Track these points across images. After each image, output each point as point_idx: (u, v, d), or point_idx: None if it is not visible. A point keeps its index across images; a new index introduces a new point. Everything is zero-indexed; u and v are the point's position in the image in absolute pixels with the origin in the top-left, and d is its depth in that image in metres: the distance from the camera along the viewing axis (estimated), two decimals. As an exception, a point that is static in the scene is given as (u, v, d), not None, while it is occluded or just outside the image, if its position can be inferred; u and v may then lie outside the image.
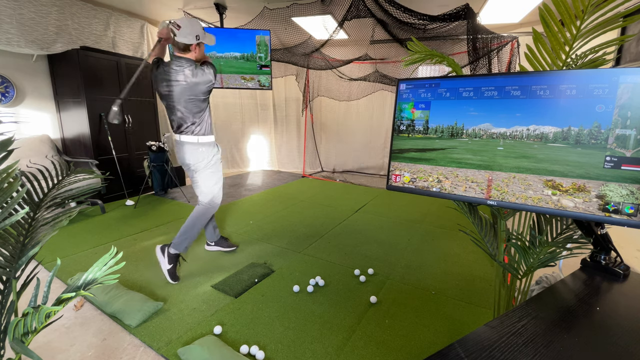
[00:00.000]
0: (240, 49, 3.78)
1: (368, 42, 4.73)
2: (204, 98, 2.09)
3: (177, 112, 2.06)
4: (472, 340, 0.65)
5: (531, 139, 0.92)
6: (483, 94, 0.98)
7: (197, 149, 2.13)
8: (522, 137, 0.94)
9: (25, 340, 0.79)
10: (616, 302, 0.81)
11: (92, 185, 1.23)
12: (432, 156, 1.09)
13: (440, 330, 1.71)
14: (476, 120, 1.00)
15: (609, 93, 0.80)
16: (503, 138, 0.97)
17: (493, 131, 0.98)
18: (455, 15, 2.95)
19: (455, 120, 1.04)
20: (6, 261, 0.89)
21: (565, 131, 0.87)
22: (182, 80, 1.97)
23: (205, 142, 2.15)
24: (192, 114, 2.07)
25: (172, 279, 2.11)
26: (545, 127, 0.90)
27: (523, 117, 0.93)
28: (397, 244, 2.81)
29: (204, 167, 2.17)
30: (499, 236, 1.30)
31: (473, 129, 1.01)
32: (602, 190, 0.83)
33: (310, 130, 6.13)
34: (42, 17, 3.25)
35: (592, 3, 1.01)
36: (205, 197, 2.24)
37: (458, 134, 1.04)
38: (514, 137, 0.95)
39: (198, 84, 1.99)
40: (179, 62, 1.98)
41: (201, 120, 2.12)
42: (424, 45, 1.33)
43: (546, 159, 0.91)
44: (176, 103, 2.03)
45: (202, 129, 2.13)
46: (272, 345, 1.58)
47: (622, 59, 2.91)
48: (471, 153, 1.02)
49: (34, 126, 3.60)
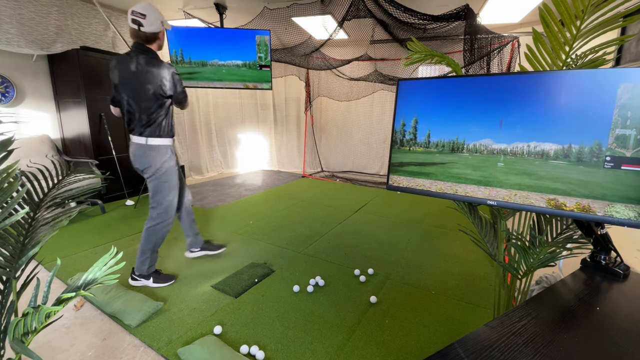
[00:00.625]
0: (242, 56, 3.80)
1: (368, 42, 4.73)
2: (156, 97, 1.89)
3: (125, 105, 1.91)
4: (472, 340, 0.65)
5: (532, 155, 0.91)
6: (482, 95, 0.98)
7: (144, 153, 1.92)
8: (522, 153, 0.93)
9: (25, 340, 0.79)
10: (616, 302, 0.81)
11: (92, 185, 1.23)
12: (432, 170, 1.09)
13: (440, 330, 1.71)
14: (477, 135, 1.00)
15: (609, 94, 0.80)
16: (504, 154, 0.96)
17: (494, 147, 0.97)
18: (455, 15, 2.95)
19: (457, 134, 1.03)
20: (6, 261, 0.89)
21: (566, 149, 0.86)
22: (134, 69, 1.83)
23: (154, 145, 1.93)
24: (142, 110, 1.88)
25: (167, 281, 2.09)
26: (546, 144, 0.89)
27: (523, 133, 0.92)
28: (397, 244, 2.81)
29: (152, 174, 1.95)
30: (499, 236, 1.30)
31: (474, 144, 1.00)
32: (608, 211, 0.81)
33: (310, 130, 6.13)
34: (42, 17, 3.25)
35: (592, 3, 1.01)
36: (154, 210, 2.01)
37: (459, 149, 1.03)
38: (514, 154, 0.94)
39: (149, 76, 1.83)
40: (136, 49, 1.86)
41: (153, 121, 1.91)
42: (423, 45, 1.34)
43: (548, 176, 0.89)
44: (126, 94, 1.88)
45: (154, 130, 1.92)
46: (272, 345, 1.58)
47: (622, 59, 2.91)
48: (471, 168, 1.01)
49: (34, 126, 3.60)
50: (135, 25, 1.80)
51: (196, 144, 5.46)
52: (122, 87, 1.90)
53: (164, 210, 2.03)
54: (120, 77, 1.89)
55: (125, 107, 1.93)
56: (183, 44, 3.65)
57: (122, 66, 1.87)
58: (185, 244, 2.45)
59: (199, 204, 3.93)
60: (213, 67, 3.75)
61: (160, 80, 1.87)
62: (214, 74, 3.80)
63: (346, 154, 6.08)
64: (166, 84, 1.89)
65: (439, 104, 1.07)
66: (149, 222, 2.03)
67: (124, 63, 1.87)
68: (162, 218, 2.03)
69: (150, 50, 1.90)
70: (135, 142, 1.95)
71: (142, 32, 1.82)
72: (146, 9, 1.80)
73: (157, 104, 1.91)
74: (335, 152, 6.17)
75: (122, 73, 1.88)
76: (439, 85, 1.08)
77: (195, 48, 3.68)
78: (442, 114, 1.06)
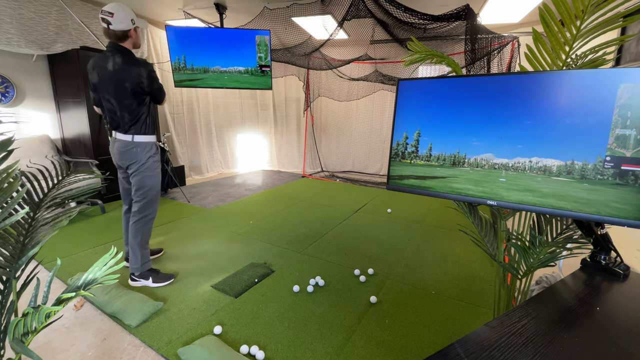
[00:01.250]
0: (244, 62, 3.81)
1: (368, 42, 4.74)
2: (135, 94, 1.92)
3: (107, 104, 1.94)
4: (472, 340, 0.65)
5: (534, 171, 0.89)
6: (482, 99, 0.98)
7: (130, 149, 1.97)
8: (524, 169, 0.91)
9: (25, 340, 0.79)
10: (616, 302, 0.81)
11: (92, 185, 1.23)
12: (432, 184, 1.08)
13: (440, 330, 1.71)
14: (478, 149, 0.99)
15: (609, 96, 0.80)
16: (505, 169, 0.94)
17: (495, 162, 0.96)
18: (456, 15, 2.95)
19: (458, 148, 1.02)
20: (6, 261, 0.89)
21: (568, 165, 0.85)
22: (111, 68, 1.86)
23: (141, 142, 1.99)
24: (123, 107, 1.92)
25: (166, 280, 2.11)
26: (548, 160, 0.87)
27: (525, 148, 0.91)
28: (397, 244, 2.81)
29: (136, 169, 2.00)
30: (499, 236, 1.30)
31: (475, 158, 0.99)
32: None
33: (310, 130, 6.13)
34: (42, 17, 3.25)
35: (592, 3, 1.01)
36: (137, 204, 2.05)
37: (460, 163, 1.02)
38: (516, 169, 0.92)
39: (126, 74, 1.87)
40: (111, 49, 1.89)
41: (137, 119, 1.96)
42: (424, 45, 1.33)
43: (551, 193, 0.87)
44: (105, 93, 1.92)
45: (139, 128, 1.97)
46: (272, 345, 1.58)
47: (622, 59, 2.91)
48: (472, 183, 1.00)
49: (34, 126, 3.60)
50: (105, 24, 1.85)
51: (196, 144, 5.46)
52: (101, 87, 1.94)
53: (148, 203, 2.06)
54: (99, 76, 1.92)
55: (106, 106, 1.97)
56: (186, 50, 3.66)
57: (99, 66, 1.91)
58: (185, 244, 2.45)
59: (199, 204, 3.93)
60: (215, 73, 3.78)
61: (138, 77, 1.90)
62: (216, 81, 3.83)
63: (346, 154, 6.08)
64: (144, 82, 1.92)
65: (439, 114, 1.06)
66: (134, 217, 2.06)
67: (101, 63, 1.91)
68: (147, 211, 2.07)
69: (124, 48, 1.93)
70: (120, 139, 1.98)
71: (112, 30, 1.86)
72: (115, 8, 1.84)
73: (137, 101, 1.95)
74: (335, 152, 6.17)
75: (100, 72, 1.92)
76: (439, 91, 1.06)
77: (198, 54, 3.71)
78: (443, 124, 1.05)
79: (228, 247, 2.69)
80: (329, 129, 6.16)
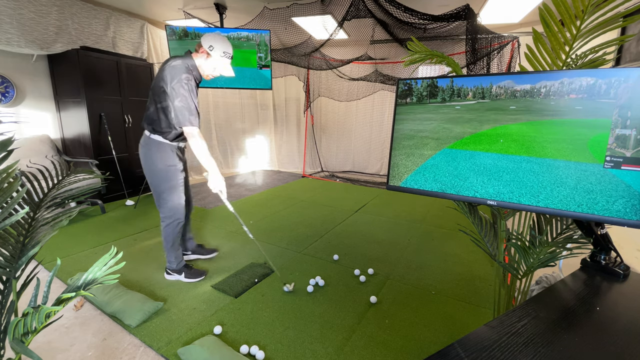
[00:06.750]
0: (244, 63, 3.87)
1: (368, 42, 4.74)
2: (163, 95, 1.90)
3: (149, 105, 1.97)
4: (472, 340, 0.65)
5: None
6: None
7: (148, 149, 1.95)
8: None
9: (25, 340, 0.79)
10: (616, 302, 0.81)
11: (92, 185, 1.23)
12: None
13: (440, 330, 1.71)
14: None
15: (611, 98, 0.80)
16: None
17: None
18: (456, 15, 2.95)
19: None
20: (6, 261, 0.89)
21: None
22: (160, 70, 1.91)
23: (156, 141, 1.94)
24: (156, 105, 1.91)
25: (198, 276, 2.15)
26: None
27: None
28: (397, 244, 2.81)
29: (147, 169, 1.99)
30: (499, 236, 1.30)
31: None
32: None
33: (310, 130, 6.13)
34: (42, 17, 3.25)
35: (592, 3, 1.01)
36: (160, 210, 2.06)
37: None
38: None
39: (160, 78, 1.88)
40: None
41: (160, 119, 1.93)
42: (424, 45, 1.33)
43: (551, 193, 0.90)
44: (151, 93, 1.96)
45: (157, 127, 1.93)
46: (272, 345, 1.58)
47: (622, 59, 2.91)
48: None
49: (34, 126, 3.59)
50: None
51: (196, 143, 5.45)
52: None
53: (170, 211, 2.03)
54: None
55: (148, 108, 2.01)
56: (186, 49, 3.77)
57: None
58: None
59: (200, 204, 3.93)
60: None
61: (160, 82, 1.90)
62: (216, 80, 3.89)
63: (346, 154, 6.08)
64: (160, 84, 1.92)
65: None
66: (161, 222, 2.09)
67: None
68: (170, 218, 2.05)
69: (187, 57, 1.97)
70: (146, 135, 2.00)
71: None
72: (214, 36, 1.96)
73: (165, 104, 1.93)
74: (335, 152, 6.17)
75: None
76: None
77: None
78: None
79: (228, 247, 2.69)
80: (329, 129, 6.16)
